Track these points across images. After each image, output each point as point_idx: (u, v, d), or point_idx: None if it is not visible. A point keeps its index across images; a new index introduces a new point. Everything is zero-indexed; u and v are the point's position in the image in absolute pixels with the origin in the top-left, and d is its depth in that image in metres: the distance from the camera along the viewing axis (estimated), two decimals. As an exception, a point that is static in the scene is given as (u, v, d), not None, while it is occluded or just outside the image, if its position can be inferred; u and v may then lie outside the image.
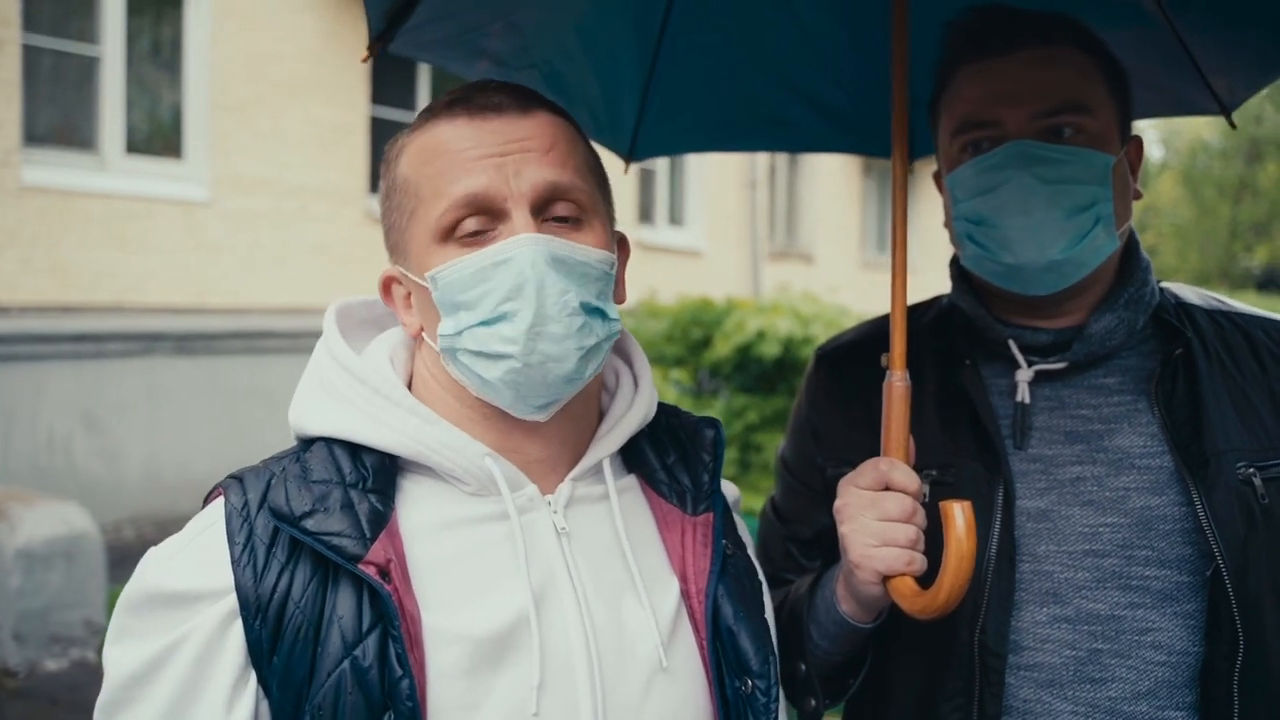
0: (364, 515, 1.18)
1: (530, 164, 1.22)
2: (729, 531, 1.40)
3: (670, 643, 1.28)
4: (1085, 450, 1.57)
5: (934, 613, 1.39)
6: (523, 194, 1.21)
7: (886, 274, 1.55)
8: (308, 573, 1.16)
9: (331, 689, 1.12)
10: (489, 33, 1.86)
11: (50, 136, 7.95)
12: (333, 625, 1.14)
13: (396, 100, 10.24)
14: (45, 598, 5.36)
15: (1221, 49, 1.83)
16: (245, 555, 1.16)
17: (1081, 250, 1.53)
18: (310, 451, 1.25)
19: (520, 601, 1.20)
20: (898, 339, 1.49)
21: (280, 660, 1.13)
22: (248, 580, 1.15)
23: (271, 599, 1.14)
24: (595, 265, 1.24)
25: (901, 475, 1.43)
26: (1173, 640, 1.50)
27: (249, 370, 8.56)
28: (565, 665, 1.20)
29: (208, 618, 1.14)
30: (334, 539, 1.15)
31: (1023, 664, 1.53)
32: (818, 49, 2.05)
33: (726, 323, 7.52)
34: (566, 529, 1.27)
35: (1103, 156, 1.54)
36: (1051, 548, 1.55)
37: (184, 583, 1.16)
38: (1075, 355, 1.59)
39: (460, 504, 1.26)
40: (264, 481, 1.21)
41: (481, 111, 1.24)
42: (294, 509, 1.17)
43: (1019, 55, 1.56)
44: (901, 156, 1.57)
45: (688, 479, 1.38)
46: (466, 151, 1.22)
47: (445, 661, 1.16)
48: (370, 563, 1.14)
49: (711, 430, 1.43)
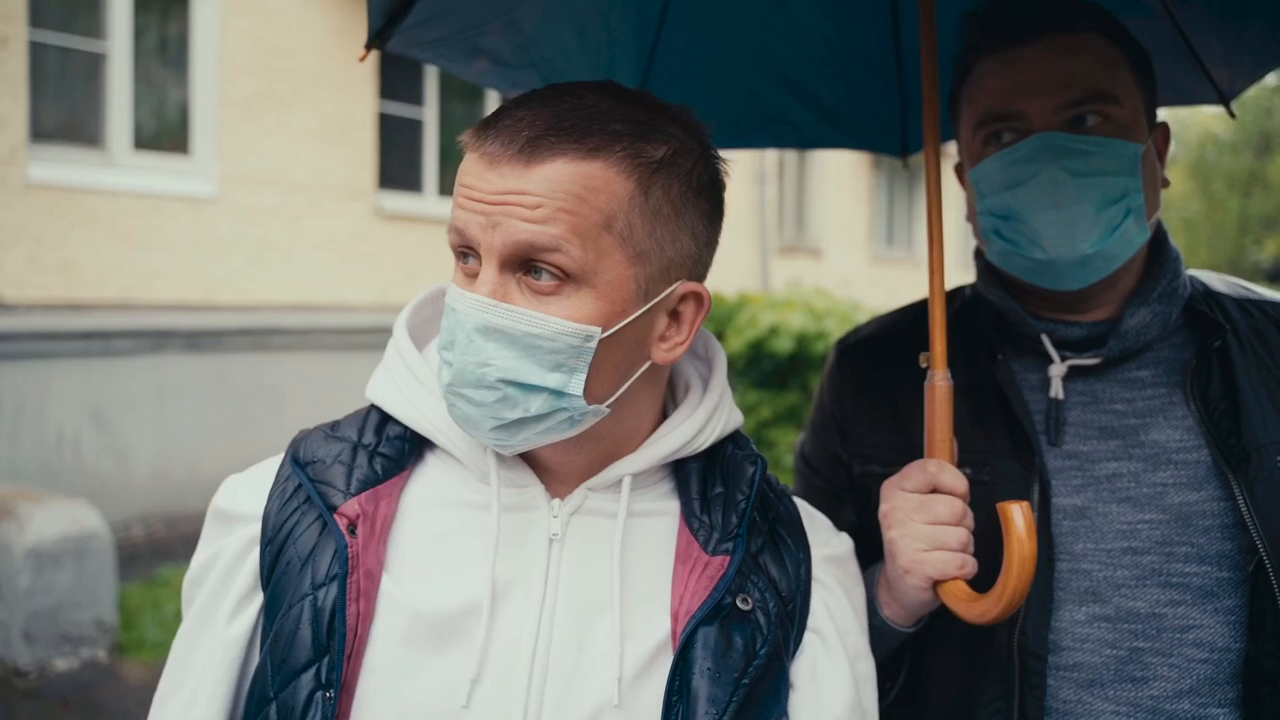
0: (358, 474, 1.26)
1: (510, 219, 1.13)
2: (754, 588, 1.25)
3: (635, 682, 1.18)
4: (1121, 446, 1.54)
5: (995, 618, 1.36)
6: (494, 248, 1.14)
7: (895, 269, 1.52)
8: (311, 517, 1.25)
9: (292, 620, 1.19)
10: (487, 31, 1.83)
11: (57, 133, 7.95)
12: (309, 564, 1.21)
13: (405, 95, 10.23)
14: (55, 597, 5.34)
15: (1221, 39, 1.81)
16: (280, 490, 1.28)
17: (1114, 243, 1.50)
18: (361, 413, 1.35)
19: (479, 591, 1.19)
20: (938, 337, 1.46)
21: (273, 586, 1.23)
22: (273, 509, 1.26)
23: (281, 530, 1.25)
24: (551, 338, 1.14)
25: (950, 477, 1.40)
26: (1214, 637, 1.47)
27: (258, 367, 8.55)
28: (506, 668, 1.17)
29: (239, 537, 1.27)
30: (322, 486, 1.25)
31: (1062, 664, 1.51)
32: (814, 45, 2.05)
33: (739, 318, 7.50)
34: (559, 535, 1.23)
35: (1131, 146, 1.50)
36: (1089, 546, 1.52)
37: (233, 504, 1.30)
38: (1110, 351, 1.56)
39: (465, 488, 1.27)
40: (322, 430, 1.34)
41: (490, 153, 1.16)
42: (306, 456, 1.29)
43: (1041, 44, 1.51)
44: (935, 151, 1.53)
45: (719, 516, 1.27)
46: (466, 189, 1.17)
47: (388, 624, 1.19)
48: (343, 514, 1.21)
49: (752, 467, 1.32)
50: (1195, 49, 1.81)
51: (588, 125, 1.14)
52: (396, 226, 9.92)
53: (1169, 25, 1.77)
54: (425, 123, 10.51)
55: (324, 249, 9.31)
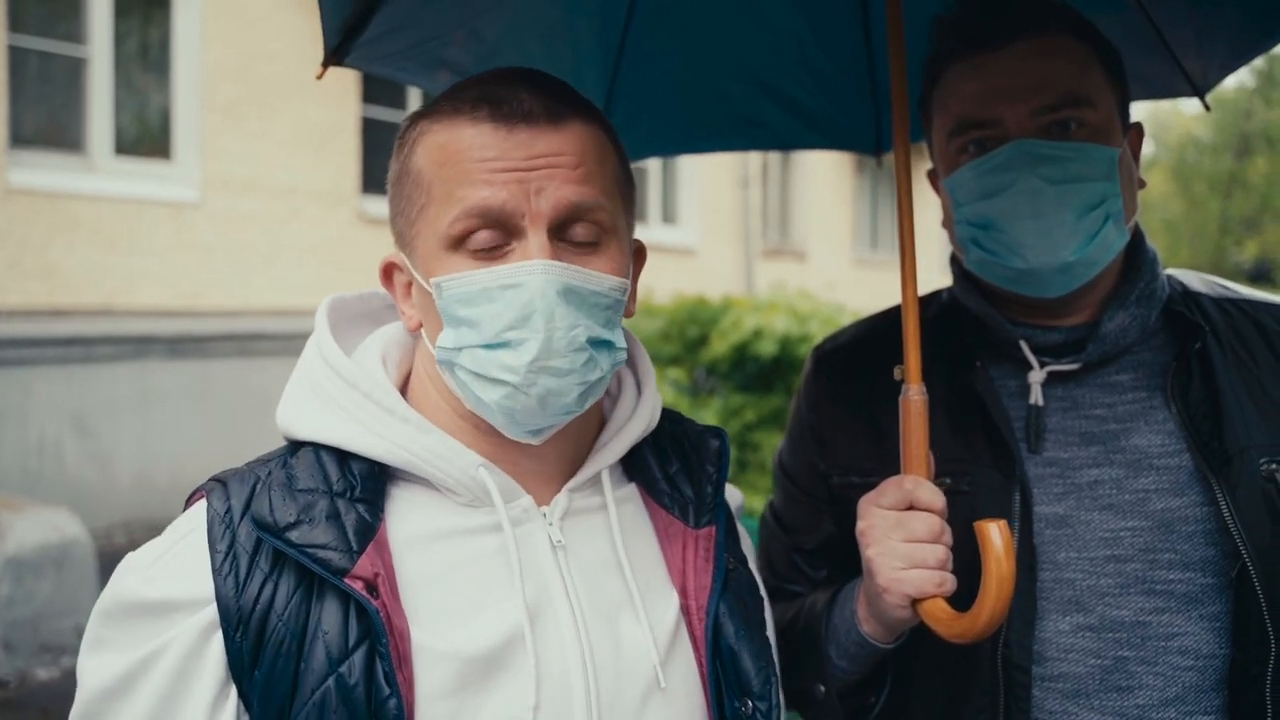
0: (351, 526, 1.13)
1: (554, 181, 1.14)
2: (732, 546, 1.35)
3: (668, 660, 1.23)
4: (1102, 452, 1.53)
5: (974, 638, 1.35)
6: (542, 214, 1.14)
7: (879, 271, 1.52)
8: (291, 584, 1.12)
9: (316, 706, 1.08)
10: (449, 42, 1.80)
11: (38, 138, 7.89)
12: (317, 640, 1.10)
13: (387, 100, 10.20)
14: (35, 606, 5.30)
15: (1194, 30, 1.79)
16: (227, 564, 1.12)
17: (1094, 249, 1.49)
18: (297, 457, 1.21)
19: (514, 619, 1.16)
20: (912, 352, 1.44)
21: (262, 674, 1.09)
22: (229, 590, 1.10)
23: (254, 611, 1.10)
24: (608, 294, 1.18)
25: (927, 494, 1.39)
26: (1199, 644, 1.47)
27: (241, 373, 8.51)
28: (561, 685, 1.16)
29: (187, 629, 1.10)
30: (320, 551, 1.10)
31: (1047, 675, 1.50)
32: (784, 46, 2.04)
33: (723, 321, 7.49)
34: (563, 542, 1.23)
35: (1107, 150, 1.49)
36: (1072, 554, 1.51)
37: (162, 592, 1.12)
38: (1089, 356, 1.55)
39: (453, 515, 1.21)
40: (248, 488, 1.17)
41: (509, 119, 1.15)
42: (278, 519, 1.12)
43: (1014, 48, 1.49)
44: (905, 159, 1.52)
45: (690, 490, 1.33)
46: (488, 162, 1.14)
47: (434, 680, 1.11)
48: (357, 577, 1.10)
49: (716, 440, 1.38)
50: (1168, 41, 1.80)
51: (575, 95, 1.22)
52: (380, 231, 9.88)
53: (1142, 18, 1.76)
54: (409, 127, 10.49)
55: (307, 254, 9.27)
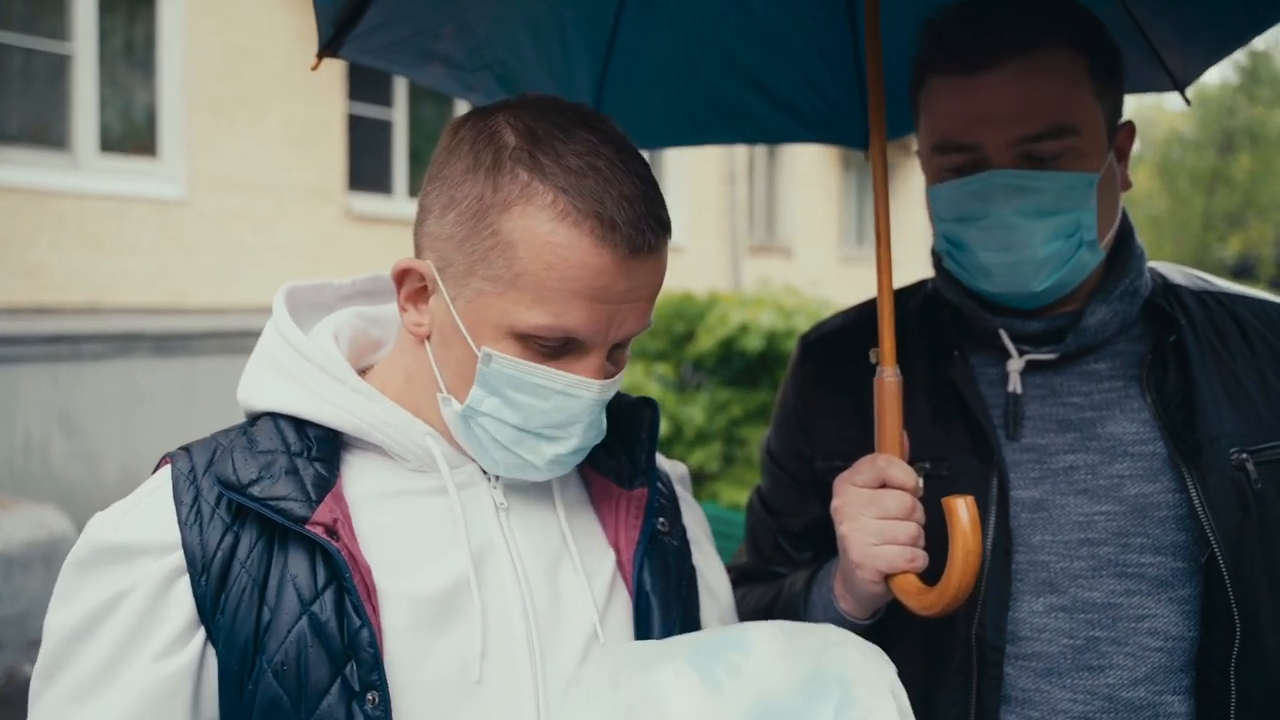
0: (309, 480, 1.21)
1: (634, 314, 1.23)
2: (666, 511, 1.45)
3: (605, 613, 1.32)
4: (1078, 438, 1.57)
5: (940, 610, 1.38)
6: (612, 340, 1.23)
7: (865, 268, 1.55)
8: (254, 535, 1.19)
9: (293, 645, 1.15)
10: (440, 35, 1.82)
11: (22, 136, 7.85)
12: (286, 585, 1.17)
13: (374, 97, 10.18)
14: (24, 602, 5.29)
15: (1174, 23, 1.79)
16: (192, 515, 1.19)
17: (1065, 275, 1.52)
18: (256, 425, 1.28)
19: (460, 567, 1.24)
20: (886, 334, 1.48)
21: (225, 619, 1.16)
22: (194, 538, 1.17)
23: (215, 557, 1.17)
24: None
25: (899, 472, 1.42)
26: (1169, 626, 1.50)
27: (227, 370, 8.48)
28: (504, 632, 1.24)
29: (153, 570, 1.17)
30: (280, 503, 1.18)
31: (1020, 654, 1.53)
32: (771, 39, 2.05)
33: (709, 316, 7.52)
34: (505, 504, 1.31)
35: (1087, 177, 1.48)
36: (1047, 537, 1.54)
37: (130, 536, 1.18)
38: (1068, 347, 1.58)
39: (402, 478, 1.29)
40: (210, 451, 1.25)
41: (636, 254, 1.18)
42: (240, 477, 1.19)
43: (1000, 69, 1.45)
44: (880, 152, 1.53)
45: (625, 456, 1.41)
46: (599, 290, 1.17)
47: (395, 616, 1.19)
48: (317, 523, 1.17)
49: (649, 409, 1.46)
50: (1148, 34, 1.79)
51: (665, 207, 1.24)
52: (367, 228, 9.88)
53: (1122, 12, 1.75)
54: (395, 124, 10.46)
55: (294, 251, 9.25)
